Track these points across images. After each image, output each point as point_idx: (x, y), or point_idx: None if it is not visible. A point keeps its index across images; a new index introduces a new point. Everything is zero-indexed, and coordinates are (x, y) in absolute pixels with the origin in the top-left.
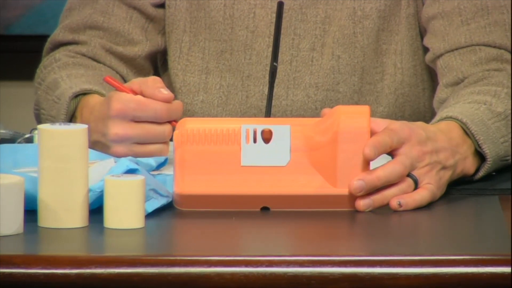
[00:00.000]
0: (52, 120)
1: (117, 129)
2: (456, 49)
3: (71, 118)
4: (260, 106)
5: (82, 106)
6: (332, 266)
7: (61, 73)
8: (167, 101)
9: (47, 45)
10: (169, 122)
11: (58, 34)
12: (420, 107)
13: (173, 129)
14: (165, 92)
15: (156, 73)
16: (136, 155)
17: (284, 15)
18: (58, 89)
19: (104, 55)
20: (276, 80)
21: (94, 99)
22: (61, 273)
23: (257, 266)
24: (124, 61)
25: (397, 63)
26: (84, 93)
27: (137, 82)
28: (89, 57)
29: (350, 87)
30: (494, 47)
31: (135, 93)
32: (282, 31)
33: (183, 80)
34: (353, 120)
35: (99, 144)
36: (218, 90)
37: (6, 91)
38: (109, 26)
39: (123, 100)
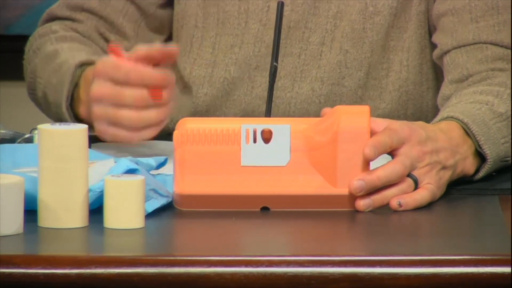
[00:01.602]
0: (52, 88)
1: (95, 88)
2: (463, 45)
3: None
4: (265, 96)
5: (86, 74)
6: (332, 266)
7: (61, 45)
8: (138, 59)
9: (44, 15)
10: (153, 88)
11: (56, 8)
12: (423, 107)
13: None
14: (141, 51)
15: None
16: (110, 119)
17: (297, 8)
18: (58, 58)
19: (97, 38)
20: (283, 72)
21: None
22: (61, 273)
23: (257, 266)
24: None
25: (403, 60)
26: (88, 64)
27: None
28: (84, 36)
29: (355, 82)
30: (502, 46)
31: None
32: (294, 24)
33: (190, 73)
34: (353, 120)
35: (88, 110)
36: (222, 83)
37: (6, 91)
38: (104, 15)
39: (104, 62)
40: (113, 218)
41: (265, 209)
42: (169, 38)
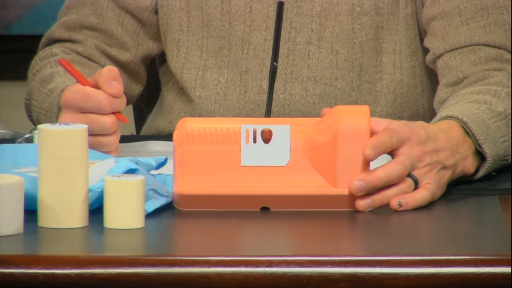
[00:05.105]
0: (44, 113)
1: (64, 118)
2: (456, 48)
3: None
4: (258, 100)
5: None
6: (332, 266)
7: (58, 68)
8: (114, 95)
9: (44, 39)
10: (114, 113)
11: (54, 31)
12: (419, 109)
13: (118, 121)
14: (114, 84)
15: (155, 73)
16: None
17: None
18: (52, 82)
19: (98, 56)
20: None
21: None
22: (61, 273)
23: (257, 266)
24: (118, 64)
25: (396, 62)
26: None
27: (97, 72)
28: (84, 57)
29: (348, 84)
30: (494, 47)
31: (88, 82)
32: None
33: (180, 77)
34: (353, 120)
35: None
36: (216, 86)
37: (6, 91)
38: (103, 28)
39: (71, 91)
40: (113, 218)
41: (265, 209)
42: None
